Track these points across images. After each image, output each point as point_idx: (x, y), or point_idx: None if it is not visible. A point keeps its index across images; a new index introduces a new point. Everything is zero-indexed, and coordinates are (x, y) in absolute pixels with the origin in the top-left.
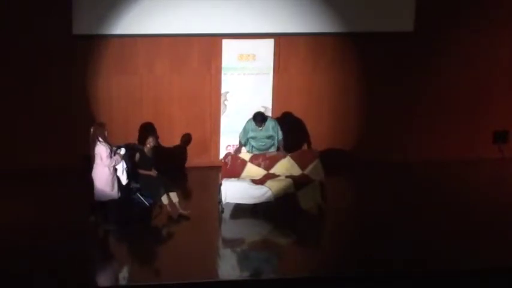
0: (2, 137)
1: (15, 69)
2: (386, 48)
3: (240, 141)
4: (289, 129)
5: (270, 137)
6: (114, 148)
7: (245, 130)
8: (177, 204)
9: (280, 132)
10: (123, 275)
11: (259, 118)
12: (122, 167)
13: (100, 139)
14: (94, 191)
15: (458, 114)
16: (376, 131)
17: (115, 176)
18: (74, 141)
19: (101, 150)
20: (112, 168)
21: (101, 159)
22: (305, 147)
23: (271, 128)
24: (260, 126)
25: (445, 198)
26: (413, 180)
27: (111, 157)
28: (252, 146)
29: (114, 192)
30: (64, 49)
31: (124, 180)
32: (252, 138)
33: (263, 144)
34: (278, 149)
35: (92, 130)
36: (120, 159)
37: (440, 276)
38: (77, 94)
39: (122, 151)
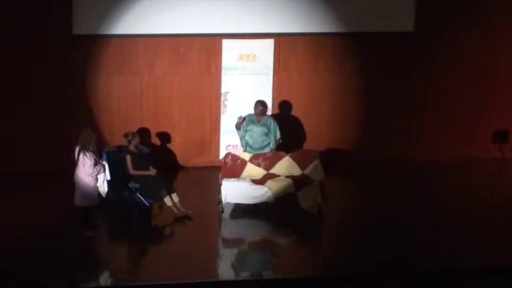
0: (2, 137)
1: (15, 69)
2: (386, 48)
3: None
4: (288, 129)
5: (266, 135)
6: (104, 154)
7: (243, 123)
8: (178, 204)
9: (278, 132)
10: (123, 274)
11: (259, 104)
12: (103, 177)
13: (90, 147)
14: (75, 195)
15: (458, 114)
16: (376, 131)
17: (97, 184)
18: (73, 141)
19: (87, 159)
20: (94, 177)
21: (84, 167)
22: (305, 147)
23: (269, 125)
24: (259, 115)
25: (445, 198)
26: (414, 180)
27: (94, 166)
28: (247, 143)
29: (94, 199)
30: (64, 49)
31: (103, 192)
32: (248, 131)
33: (257, 140)
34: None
35: (82, 135)
36: (102, 169)
37: (440, 276)
38: (77, 94)
39: (104, 163)
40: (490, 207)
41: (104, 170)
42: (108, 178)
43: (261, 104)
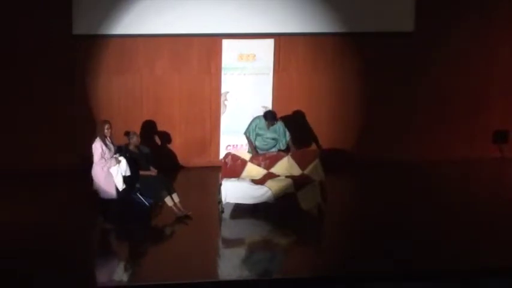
0: (2, 137)
1: (15, 69)
2: (386, 48)
3: (248, 138)
4: (289, 129)
5: (274, 139)
6: (117, 149)
7: (252, 126)
8: (178, 204)
9: (287, 134)
10: (123, 274)
11: (270, 116)
12: (116, 170)
13: (98, 137)
14: (95, 187)
15: (458, 114)
16: (376, 131)
17: (110, 177)
18: (74, 141)
19: (94, 148)
20: (105, 168)
21: (94, 155)
22: (308, 147)
23: (278, 130)
24: (271, 125)
25: (445, 198)
26: (414, 180)
27: (103, 157)
28: (255, 146)
29: (111, 192)
30: (64, 49)
31: (119, 186)
32: (258, 135)
33: (266, 144)
34: (288, 149)
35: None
36: (115, 162)
37: (440, 276)
38: (77, 94)
39: (121, 158)
40: (490, 207)
41: (117, 164)
42: (125, 174)
43: (271, 117)
